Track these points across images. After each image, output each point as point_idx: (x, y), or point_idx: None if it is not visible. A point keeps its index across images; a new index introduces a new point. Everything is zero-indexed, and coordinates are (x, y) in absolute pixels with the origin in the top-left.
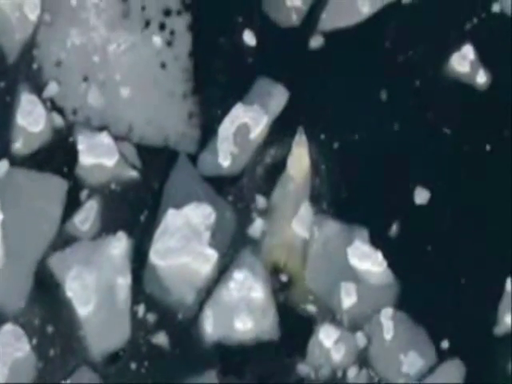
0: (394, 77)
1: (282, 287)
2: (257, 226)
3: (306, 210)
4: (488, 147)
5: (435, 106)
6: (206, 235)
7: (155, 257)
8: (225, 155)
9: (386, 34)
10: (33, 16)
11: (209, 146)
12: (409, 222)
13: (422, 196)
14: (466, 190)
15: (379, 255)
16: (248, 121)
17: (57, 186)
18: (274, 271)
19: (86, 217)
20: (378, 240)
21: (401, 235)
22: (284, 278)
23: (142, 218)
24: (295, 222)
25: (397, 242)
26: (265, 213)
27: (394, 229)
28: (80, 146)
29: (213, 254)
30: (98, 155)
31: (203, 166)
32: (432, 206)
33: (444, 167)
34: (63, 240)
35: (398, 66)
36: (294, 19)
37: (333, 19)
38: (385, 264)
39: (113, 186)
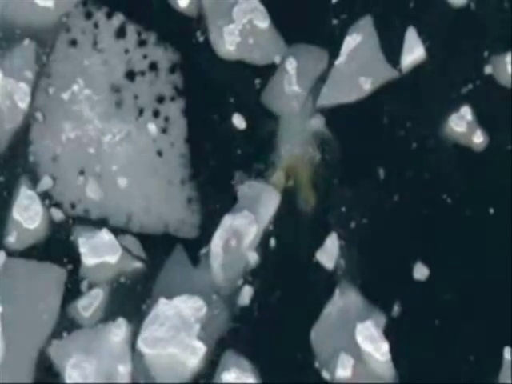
0: (394, 149)
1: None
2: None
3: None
4: (491, 211)
5: (434, 171)
6: (196, 328)
7: (143, 345)
8: (217, 271)
9: (386, 110)
10: (23, 104)
11: (202, 263)
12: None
13: (421, 272)
14: (468, 259)
15: (385, 346)
16: (239, 229)
17: (55, 276)
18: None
19: (90, 303)
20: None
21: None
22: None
23: (144, 306)
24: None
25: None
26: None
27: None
28: (82, 249)
29: (201, 347)
30: (100, 254)
31: (197, 281)
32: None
33: (444, 240)
34: (64, 325)
35: (397, 138)
36: (295, 106)
37: (334, 95)
38: (388, 356)
39: (119, 279)
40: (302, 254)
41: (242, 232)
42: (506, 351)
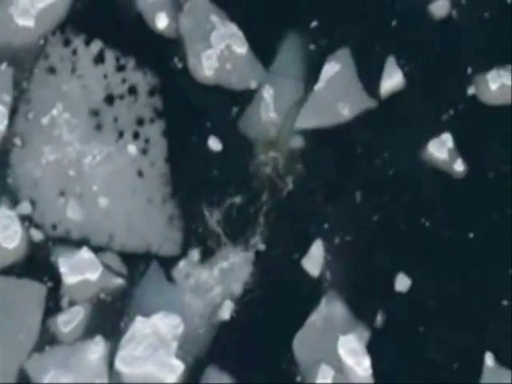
0: (372, 174)
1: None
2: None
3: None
4: (471, 235)
5: (412, 196)
6: (174, 345)
7: (120, 363)
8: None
9: (364, 136)
10: (1, 126)
11: (179, 279)
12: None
13: (402, 283)
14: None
15: (367, 361)
16: None
17: (35, 292)
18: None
19: (70, 319)
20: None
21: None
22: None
23: (122, 324)
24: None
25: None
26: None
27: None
28: (62, 268)
29: (179, 365)
30: (81, 272)
31: (174, 298)
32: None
33: (424, 258)
34: (44, 340)
35: (374, 164)
36: (272, 132)
37: (312, 118)
38: (369, 372)
39: (99, 296)
40: (287, 261)
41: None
42: (488, 356)
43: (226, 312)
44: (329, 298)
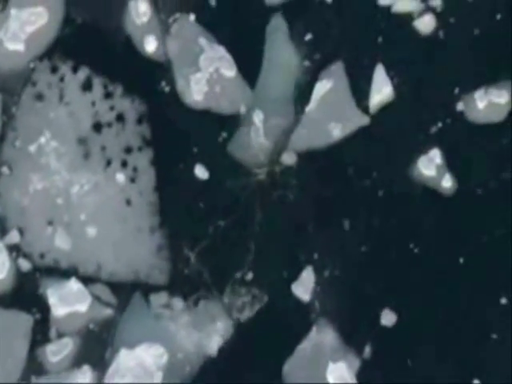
0: (361, 195)
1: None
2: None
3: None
4: (461, 260)
5: (402, 217)
6: (158, 375)
7: None
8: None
9: (353, 155)
10: None
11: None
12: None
13: (388, 318)
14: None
15: None
16: None
17: (22, 323)
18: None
19: (59, 350)
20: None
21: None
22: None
23: (108, 354)
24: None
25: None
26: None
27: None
28: (51, 300)
29: None
30: (70, 304)
31: (159, 328)
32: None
33: (412, 290)
34: (31, 370)
35: (364, 184)
36: (262, 158)
37: (303, 140)
38: None
39: (88, 326)
40: (277, 287)
41: None
42: None
43: (214, 343)
44: (319, 326)
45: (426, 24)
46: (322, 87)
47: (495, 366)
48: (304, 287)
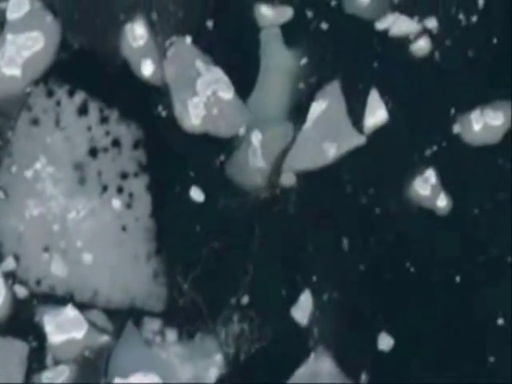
0: (357, 215)
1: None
2: None
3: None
4: (457, 279)
5: (399, 237)
6: None
7: None
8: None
9: (349, 175)
10: None
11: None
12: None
13: (385, 342)
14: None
15: None
16: None
17: (18, 350)
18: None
19: (55, 377)
20: None
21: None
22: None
23: (103, 381)
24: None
25: None
26: None
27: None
28: (47, 327)
29: None
30: (66, 331)
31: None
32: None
33: (409, 308)
34: None
35: (360, 204)
36: (259, 181)
37: (299, 161)
38: None
39: (84, 354)
40: (276, 311)
41: None
42: None
43: (212, 373)
44: (317, 353)
45: (422, 47)
46: (317, 107)
47: None
48: (302, 311)
